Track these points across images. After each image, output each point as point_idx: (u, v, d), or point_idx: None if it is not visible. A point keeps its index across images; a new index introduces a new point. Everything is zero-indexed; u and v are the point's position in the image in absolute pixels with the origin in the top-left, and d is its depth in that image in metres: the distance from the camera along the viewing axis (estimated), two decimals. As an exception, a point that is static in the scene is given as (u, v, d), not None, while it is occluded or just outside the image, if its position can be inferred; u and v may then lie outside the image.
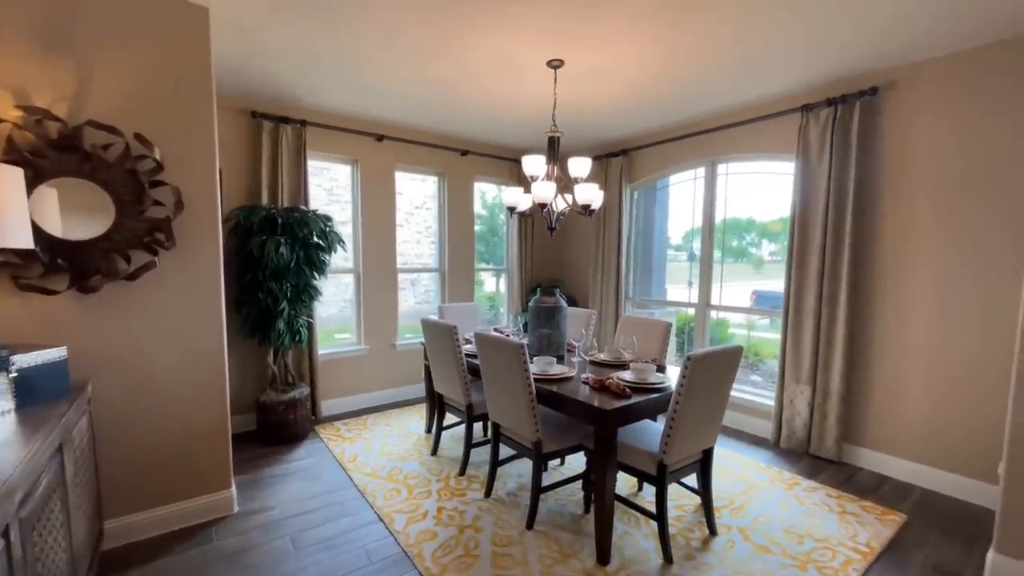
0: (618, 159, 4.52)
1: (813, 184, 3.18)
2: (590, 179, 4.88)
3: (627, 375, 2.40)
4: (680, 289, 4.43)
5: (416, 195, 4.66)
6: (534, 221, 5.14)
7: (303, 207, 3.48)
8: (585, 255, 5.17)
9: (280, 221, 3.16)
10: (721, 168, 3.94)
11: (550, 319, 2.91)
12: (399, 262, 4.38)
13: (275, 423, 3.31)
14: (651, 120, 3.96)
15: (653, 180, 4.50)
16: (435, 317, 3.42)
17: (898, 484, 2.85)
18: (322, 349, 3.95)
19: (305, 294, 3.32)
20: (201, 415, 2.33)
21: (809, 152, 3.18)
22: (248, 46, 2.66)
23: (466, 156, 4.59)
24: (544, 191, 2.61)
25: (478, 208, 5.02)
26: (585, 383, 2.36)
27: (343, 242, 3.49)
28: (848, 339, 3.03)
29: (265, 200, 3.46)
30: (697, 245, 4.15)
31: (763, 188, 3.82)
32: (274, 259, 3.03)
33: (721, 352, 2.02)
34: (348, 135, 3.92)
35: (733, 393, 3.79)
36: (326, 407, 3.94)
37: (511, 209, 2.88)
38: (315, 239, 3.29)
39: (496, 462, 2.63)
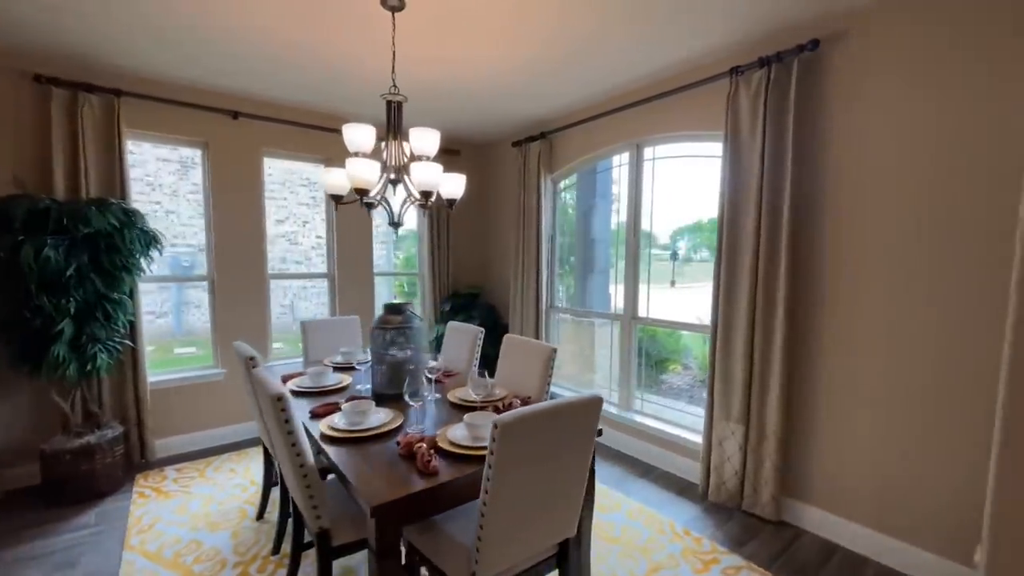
0: (536, 144, 3.83)
1: (744, 168, 2.51)
2: (515, 167, 4.20)
3: (459, 431, 1.70)
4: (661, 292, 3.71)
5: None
6: (449, 216, 4.42)
7: (115, 200, 2.72)
8: (508, 257, 4.47)
9: (53, 216, 2.40)
10: (648, 152, 3.26)
11: (398, 344, 2.20)
12: (273, 265, 3.65)
13: (61, 478, 2.56)
14: (563, 95, 3.26)
15: (577, 167, 3.81)
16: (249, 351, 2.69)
17: (849, 557, 2.18)
18: (159, 375, 3.20)
19: (100, 310, 2.57)
20: None
21: (739, 127, 2.51)
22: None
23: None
24: (361, 171, 1.89)
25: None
26: (397, 444, 1.65)
27: (157, 243, 2.75)
28: (787, 365, 2.36)
29: (61, 191, 2.70)
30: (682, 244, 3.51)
31: (701, 177, 3.14)
32: (31, 266, 2.28)
33: (553, 410, 1.32)
34: (190, 110, 3.17)
35: (662, 427, 3.11)
36: (164, 447, 3.18)
37: (336, 199, 2.15)
38: (112, 239, 2.54)
39: (300, 545, 1.91)
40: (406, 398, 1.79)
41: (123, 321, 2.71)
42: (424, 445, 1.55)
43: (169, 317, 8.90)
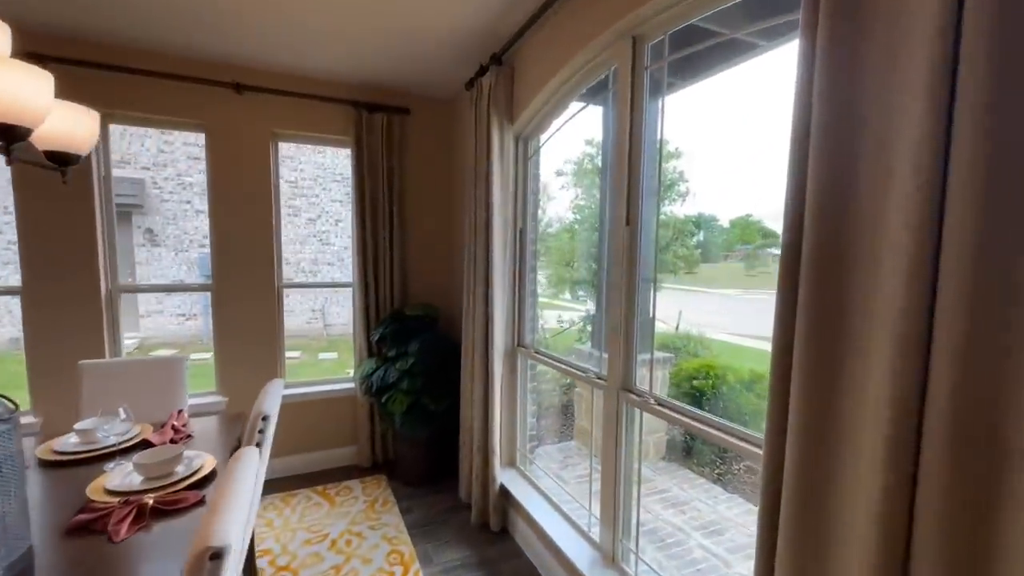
0: (488, 77, 2.29)
1: (860, 69, 0.76)
2: (471, 121, 2.73)
3: None
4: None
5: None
6: (393, 199, 3.04)
7: None
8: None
9: None
10: (667, 79, 1.57)
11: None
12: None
13: None
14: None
15: (549, 109, 2.19)
16: None
17: None
18: None
19: None
20: None
21: None
22: None
23: (244, 94, 2.69)
24: None
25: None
26: None
27: None
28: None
29: None
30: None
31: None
32: None
33: None
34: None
35: None
36: None
37: None
38: None
39: None
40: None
41: None
42: None
43: (199, 320, 8.74)
